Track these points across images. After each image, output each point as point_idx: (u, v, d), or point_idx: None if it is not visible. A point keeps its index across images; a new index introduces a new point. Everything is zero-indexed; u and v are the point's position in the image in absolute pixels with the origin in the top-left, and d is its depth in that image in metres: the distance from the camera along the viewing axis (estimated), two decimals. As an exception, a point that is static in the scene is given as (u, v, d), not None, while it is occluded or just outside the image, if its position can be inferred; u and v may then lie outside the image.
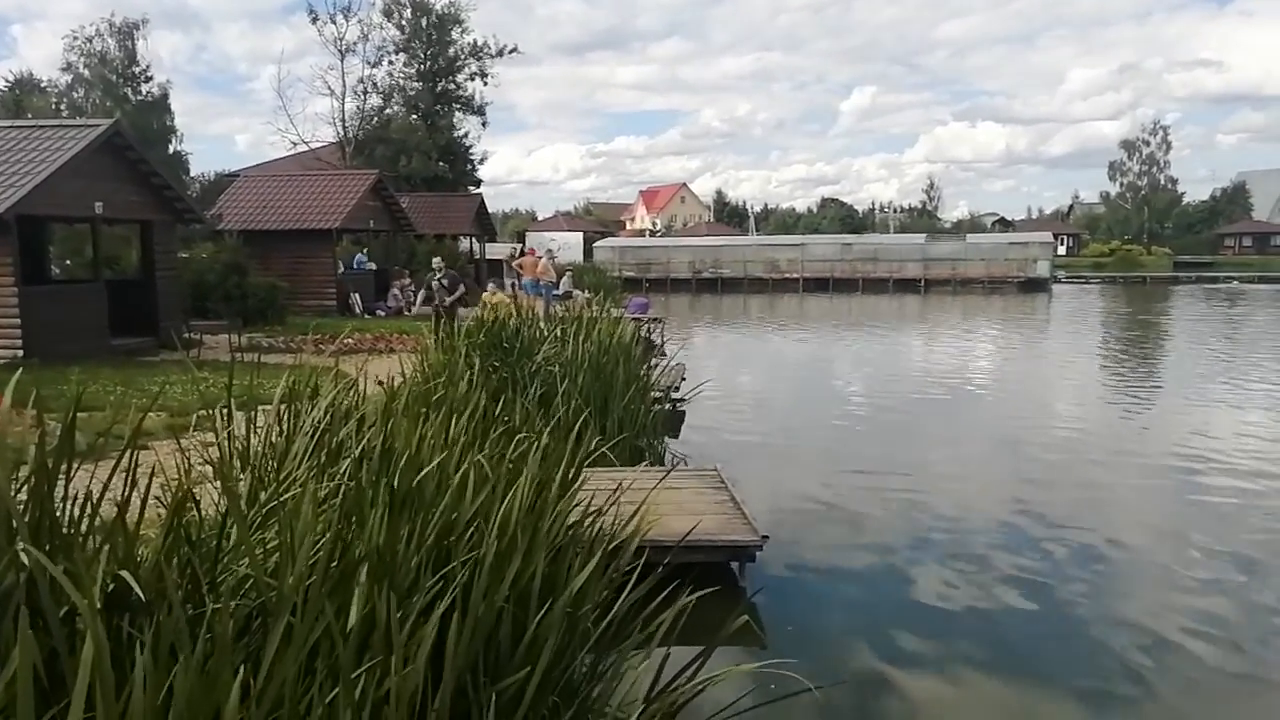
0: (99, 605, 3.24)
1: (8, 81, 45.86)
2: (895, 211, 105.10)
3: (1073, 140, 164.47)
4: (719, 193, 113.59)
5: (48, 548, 3.13)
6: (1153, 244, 78.01)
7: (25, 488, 3.43)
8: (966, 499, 9.47)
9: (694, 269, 53.08)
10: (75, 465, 3.67)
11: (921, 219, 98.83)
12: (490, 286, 9.91)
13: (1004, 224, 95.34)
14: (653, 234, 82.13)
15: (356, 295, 25.32)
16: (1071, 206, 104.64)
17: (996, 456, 11.72)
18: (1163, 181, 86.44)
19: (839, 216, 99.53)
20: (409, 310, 25.78)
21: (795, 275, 51.42)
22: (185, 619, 2.54)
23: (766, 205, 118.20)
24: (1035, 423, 13.77)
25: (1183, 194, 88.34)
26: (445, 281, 17.59)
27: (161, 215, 18.04)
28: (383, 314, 25.17)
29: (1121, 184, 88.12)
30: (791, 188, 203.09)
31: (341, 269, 26.13)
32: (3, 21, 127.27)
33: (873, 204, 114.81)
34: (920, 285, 49.45)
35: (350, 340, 17.49)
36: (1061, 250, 73.75)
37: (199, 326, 17.87)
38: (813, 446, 12.36)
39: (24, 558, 3.00)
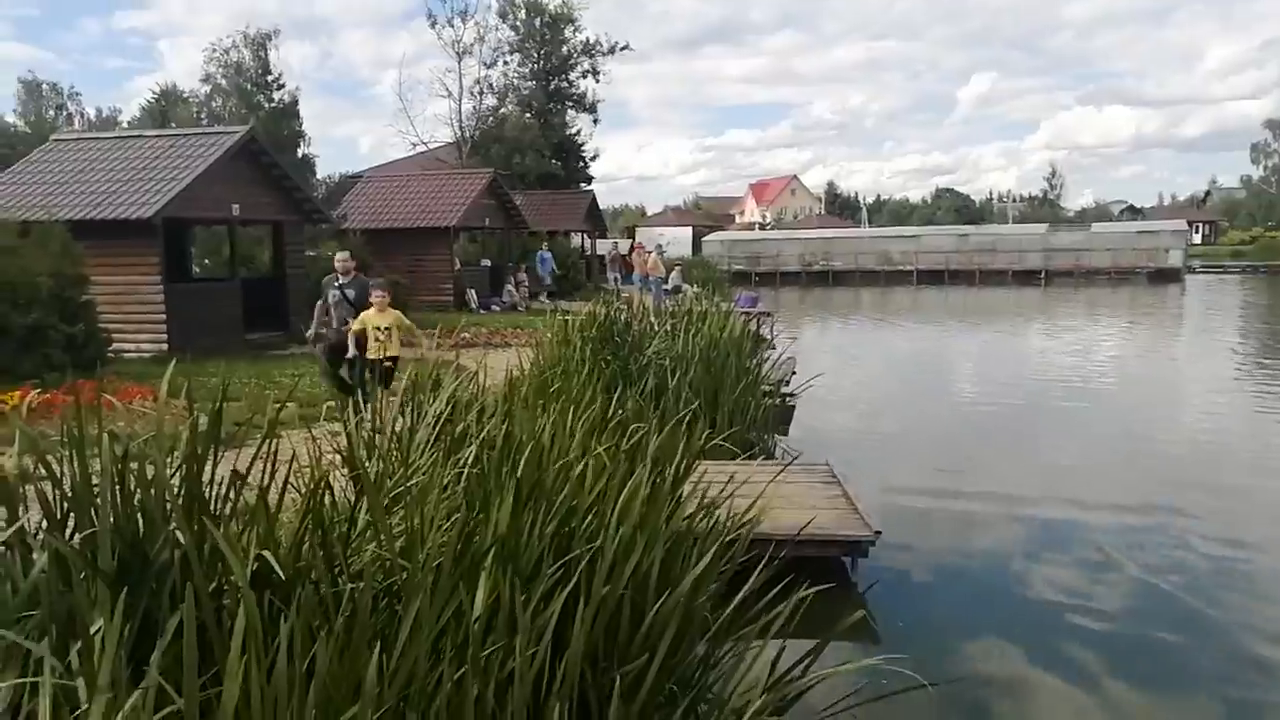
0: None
1: (154, 94, 48.87)
2: (1014, 201, 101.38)
3: (1210, 121, 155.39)
4: (830, 184, 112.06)
5: (197, 528, 3.36)
6: (1300, 230, 73.00)
7: (177, 473, 3.68)
8: (1087, 500, 9.08)
9: (804, 262, 52.38)
10: (220, 452, 3.93)
11: (1043, 208, 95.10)
12: (377, 295, 8.91)
13: (1133, 212, 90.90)
14: (762, 227, 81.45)
15: (472, 291, 25.98)
16: (1208, 192, 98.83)
17: (1120, 457, 11.19)
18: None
19: (954, 207, 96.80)
20: (523, 306, 26.31)
21: (909, 267, 50.19)
22: (325, 596, 2.69)
23: (879, 197, 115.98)
24: (1163, 423, 13.11)
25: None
26: (350, 294, 9.63)
27: (291, 216, 18.91)
28: (497, 309, 25.76)
29: (1265, 167, 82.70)
30: (905, 179, 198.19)
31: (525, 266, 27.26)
32: (150, 37, 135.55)
33: (990, 193, 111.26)
34: (1041, 277, 47.57)
35: (467, 335, 17.99)
36: (1196, 239, 69.84)
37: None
38: (926, 444, 12.07)
39: (179, 536, 3.23)
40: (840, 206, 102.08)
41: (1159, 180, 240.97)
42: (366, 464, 5.05)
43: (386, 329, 8.73)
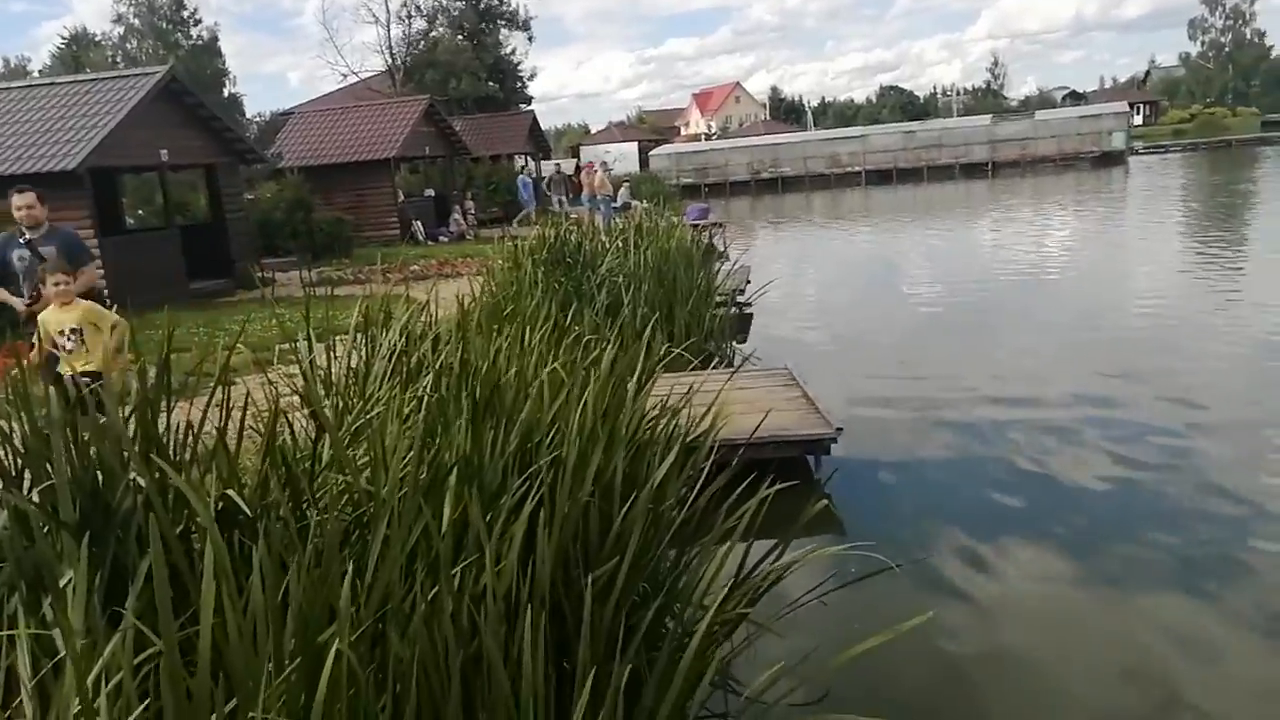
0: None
1: (63, 39, 46.62)
2: (958, 94, 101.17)
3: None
4: (774, 89, 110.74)
5: (157, 474, 3.34)
6: (1238, 105, 73.79)
7: (131, 421, 3.64)
8: (1042, 387, 9.30)
9: (753, 170, 52.10)
10: (173, 401, 3.90)
11: (986, 100, 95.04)
12: (55, 285, 5.65)
13: (1075, 98, 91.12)
14: (708, 137, 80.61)
15: (418, 223, 25.57)
16: (1148, 73, 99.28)
17: (1073, 342, 11.42)
18: (1249, 35, 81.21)
19: (900, 105, 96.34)
20: (471, 235, 25.98)
21: (857, 169, 50.15)
22: (291, 530, 2.70)
23: (824, 99, 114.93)
24: (1112, 309, 13.35)
25: (1271, 47, 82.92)
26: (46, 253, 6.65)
27: (224, 158, 18.36)
28: (445, 240, 25.42)
29: (1203, 42, 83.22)
30: (849, 78, 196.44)
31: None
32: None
33: (934, 89, 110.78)
34: (988, 169, 47.83)
35: (416, 267, 17.77)
36: (1138, 120, 70.32)
37: (270, 264, 18.31)
38: (882, 343, 12.24)
39: (140, 480, 3.22)
40: (785, 111, 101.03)
41: (1100, 64, 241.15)
42: (324, 402, 5.04)
43: (74, 331, 5.75)
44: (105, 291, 14.81)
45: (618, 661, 2.46)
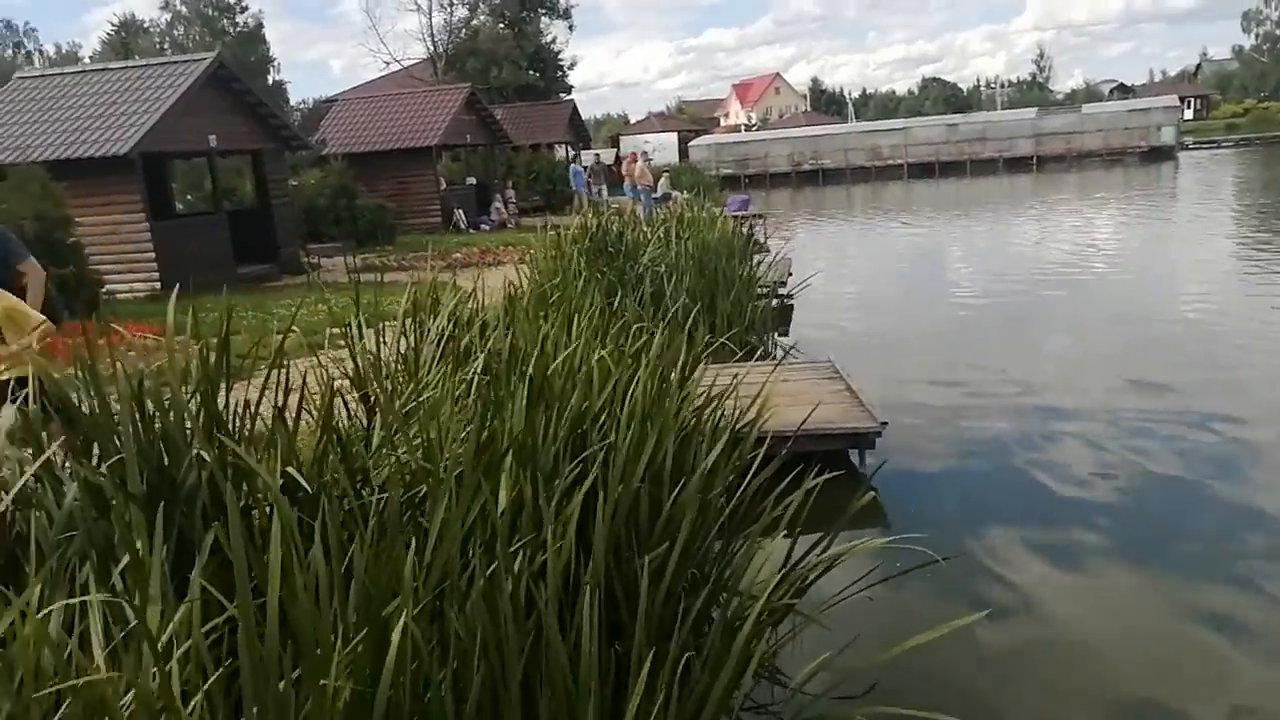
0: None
1: (113, 25, 47.43)
2: (1003, 87, 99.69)
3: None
4: (815, 81, 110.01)
5: (219, 449, 3.44)
6: (1293, 100, 72.02)
7: (192, 400, 3.74)
8: (1086, 386, 9.18)
9: (793, 162, 51.76)
10: (231, 382, 4.00)
11: (1031, 92, 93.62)
12: None
13: (1123, 91, 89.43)
14: (748, 129, 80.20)
15: (460, 211, 25.75)
16: (1199, 66, 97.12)
17: (1119, 342, 11.25)
18: (1308, 28, 79.18)
19: (942, 97, 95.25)
20: (512, 223, 26.12)
21: (899, 161, 49.63)
22: (351, 506, 2.77)
23: (865, 90, 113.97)
24: (1161, 306, 13.14)
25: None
26: None
27: (270, 144, 18.61)
28: (486, 228, 25.57)
29: (1257, 35, 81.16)
30: (891, 70, 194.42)
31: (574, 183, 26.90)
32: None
33: (978, 81, 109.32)
34: (1032, 163, 47.12)
35: (459, 255, 17.92)
36: (1189, 114, 68.90)
37: (315, 250, 18.55)
38: (925, 337, 12.16)
39: (204, 456, 3.31)
40: (826, 103, 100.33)
41: (1149, 56, 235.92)
42: (375, 385, 5.12)
43: None
44: (158, 275, 15.15)
45: (673, 644, 2.50)
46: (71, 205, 13.29)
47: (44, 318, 5.20)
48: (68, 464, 3.56)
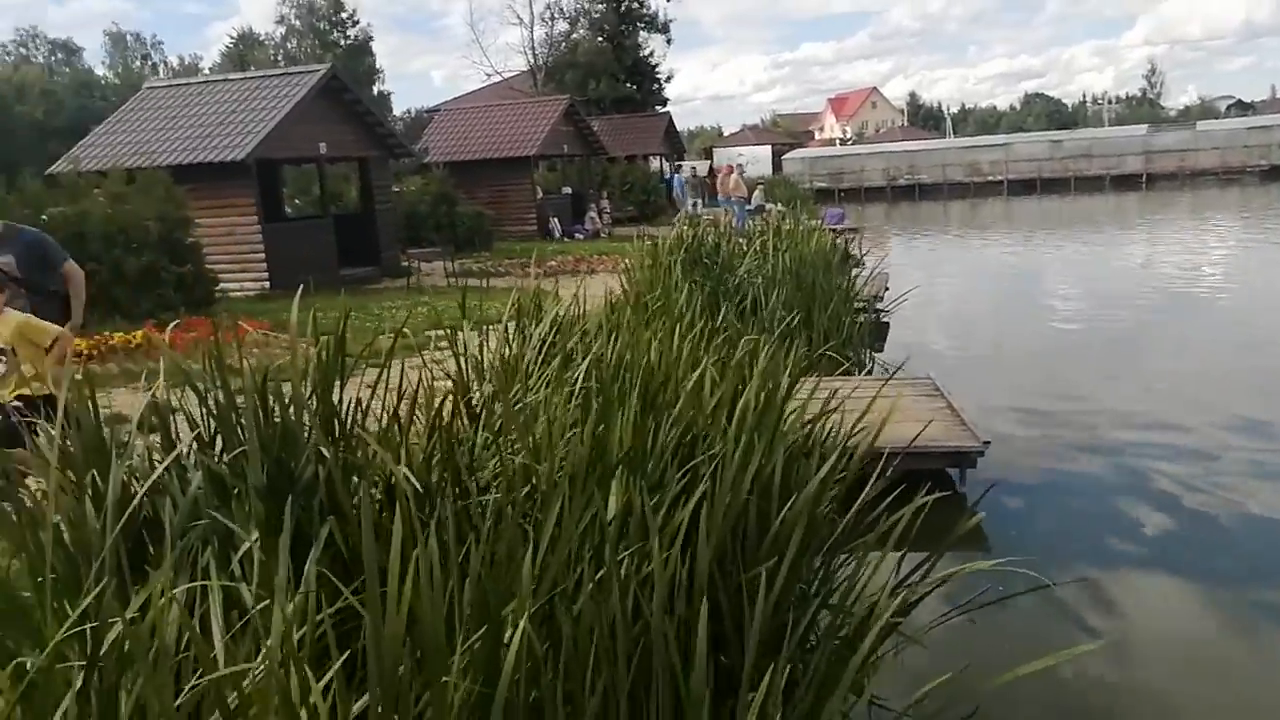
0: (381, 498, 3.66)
1: (231, 38, 49.64)
2: (1110, 103, 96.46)
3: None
4: (912, 95, 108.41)
5: (338, 446, 3.54)
6: None
7: (312, 396, 3.86)
8: (1194, 413, 8.76)
9: (889, 176, 50.98)
10: (346, 378, 4.11)
11: (1141, 109, 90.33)
12: None
13: (1242, 107, 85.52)
14: (843, 143, 79.32)
15: (555, 219, 26.09)
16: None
17: (1229, 369, 10.71)
18: None
19: (1045, 112, 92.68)
20: (606, 233, 26.35)
21: (999, 178, 48.40)
22: (466, 507, 2.82)
23: (964, 105, 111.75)
24: (1276, 332, 12.48)
25: None
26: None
27: (377, 152, 19.18)
28: (580, 237, 25.85)
29: (1391, 51, 76.60)
30: (992, 84, 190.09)
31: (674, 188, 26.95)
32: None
33: (1084, 96, 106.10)
34: (1141, 181, 45.39)
35: (554, 263, 18.15)
36: (1314, 133, 65.31)
37: (415, 254, 19.01)
38: (1024, 358, 11.81)
39: (323, 452, 3.42)
40: (923, 118, 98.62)
41: (1271, 71, 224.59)
42: (479, 388, 5.21)
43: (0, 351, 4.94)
44: (267, 275, 15.75)
45: (782, 659, 2.47)
46: (191, 207, 13.92)
47: (60, 330, 5.18)
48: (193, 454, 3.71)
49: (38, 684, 2.58)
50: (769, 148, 60.79)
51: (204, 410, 3.73)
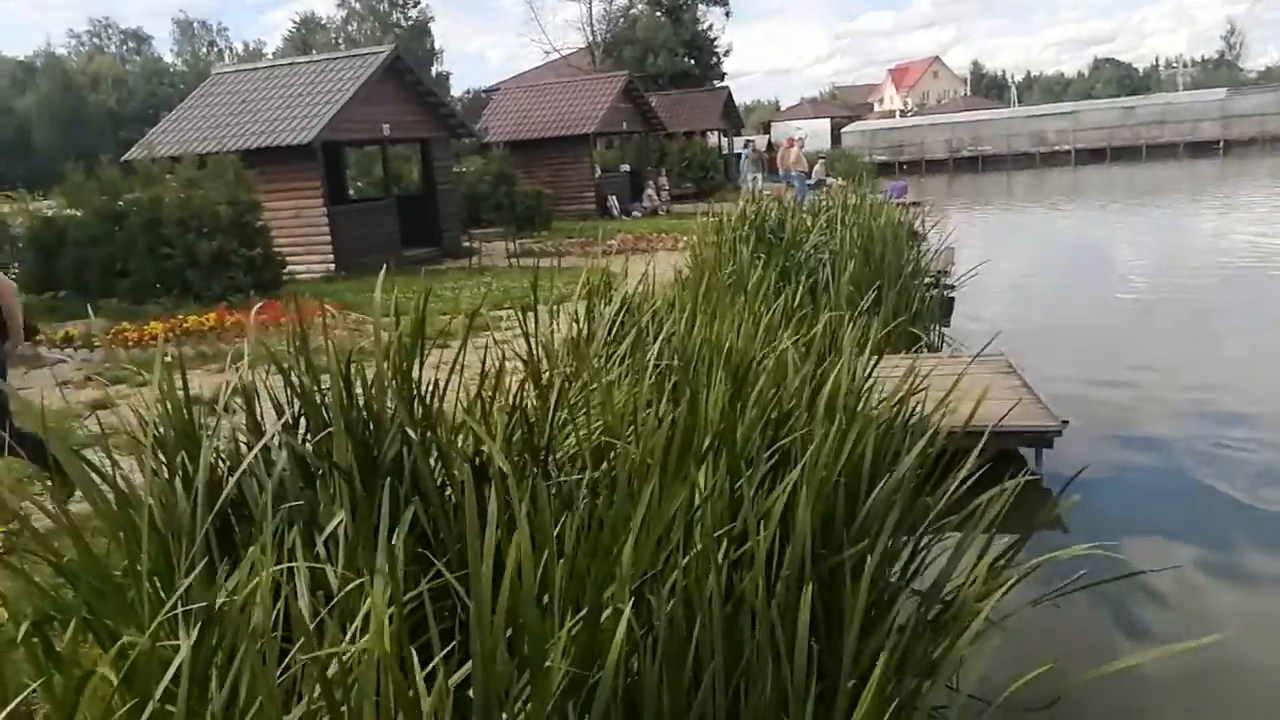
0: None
1: (294, 23, 50.31)
2: (1185, 66, 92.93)
3: None
4: (975, 64, 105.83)
5: (422, 428, 3.56)
6: None
7: (395, 377, 3.87)
8: (1270, 394, 8.45)
9: (951, 148, 49.87)
10: (424, 358, 4.12)
11: (1219, 71, 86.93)
12: None
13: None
14: (903, 114, 77.73)
15: (614, 198, 26.03)
16: None
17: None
18: None
19: (1115, 78, 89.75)
20: (664, 210, 26.21)
21: (1067, 147, 47.03)
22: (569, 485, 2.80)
23: (1029, 73, 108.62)
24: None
25: None
26: None
27: (438, 132, 19.28)
28: (638, 215, 25.76)
29: None
30: (1058, 51, 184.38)
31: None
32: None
33: (1156, 60, 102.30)
34: (1218, 147, 43.71)
35: (613, 241, 18.11)
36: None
37: (476, 234, 19.12)
38: (1094, 335, 11.46)
39: (409, 433, 3.43)
40: (987, 87, 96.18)
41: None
42: (552, 366, 5.20)
43: None
44: (332, 256, 15.97)
45: (886, 645, 2.41)
46: (261, 191, 14.15)
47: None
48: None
49: (140, 665, 2.64)
50: (827, 121, 59.93)
51: (288, 391, 3.77)
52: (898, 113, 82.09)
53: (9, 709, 2.29)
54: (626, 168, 28.59)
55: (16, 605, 3.07)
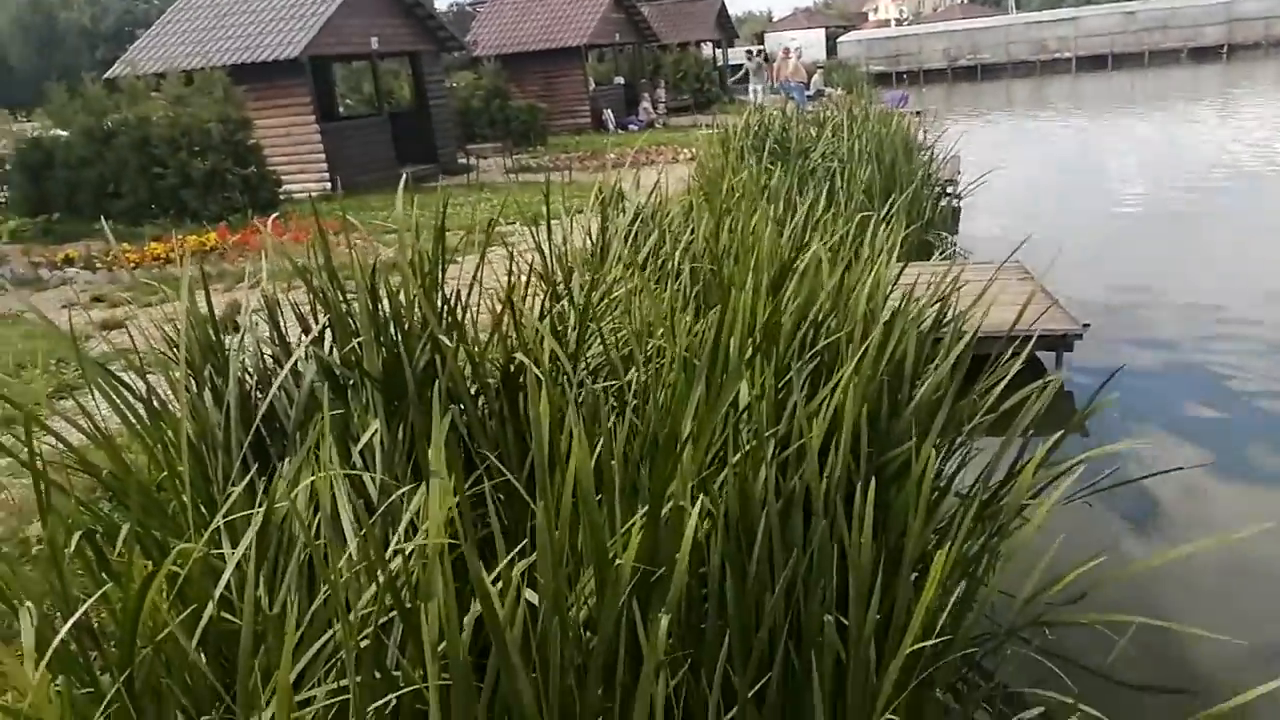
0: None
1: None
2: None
3: None
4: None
5: (452, 336, 3.51)
6: None
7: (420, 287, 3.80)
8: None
9: (949, 57, 48.88)
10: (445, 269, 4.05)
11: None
12: None
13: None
14: (899, 24, 75.93)
15: (609, 111, 25.53)
16: None
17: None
18: None
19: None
20: (661, 123, 25.75)
21: (1067, 54, 46.11)
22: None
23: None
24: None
25: None
26: None
27: (427, 45, 18.77)
28: (635, 128, 25.29)
29: None
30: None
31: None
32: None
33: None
34: (1221, 52, 42.90)
35: (612, 155, 17.80)
36: None
37: (473, 150, 18.78)
38: (1101, 243, 11.38)
39: (440, 341, 3.38)
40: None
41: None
42: (575, 274, 5.12)
43: None
44: (328, 175, 15.69)
45: (946, 543, 2.41)
46: (250, 108, 13.80)
47: None
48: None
49: (192, 574, 2.63)
50: (822, 31, 58.57)
51: (313, 304, 3.71)
52: (893, 21, 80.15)
53: (71, 621, 2.28)
54: (620, 80, 27.98)
55: (56, 520, 3.06)
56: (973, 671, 2.82)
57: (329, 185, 15.42)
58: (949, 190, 12.45)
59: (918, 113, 21.74)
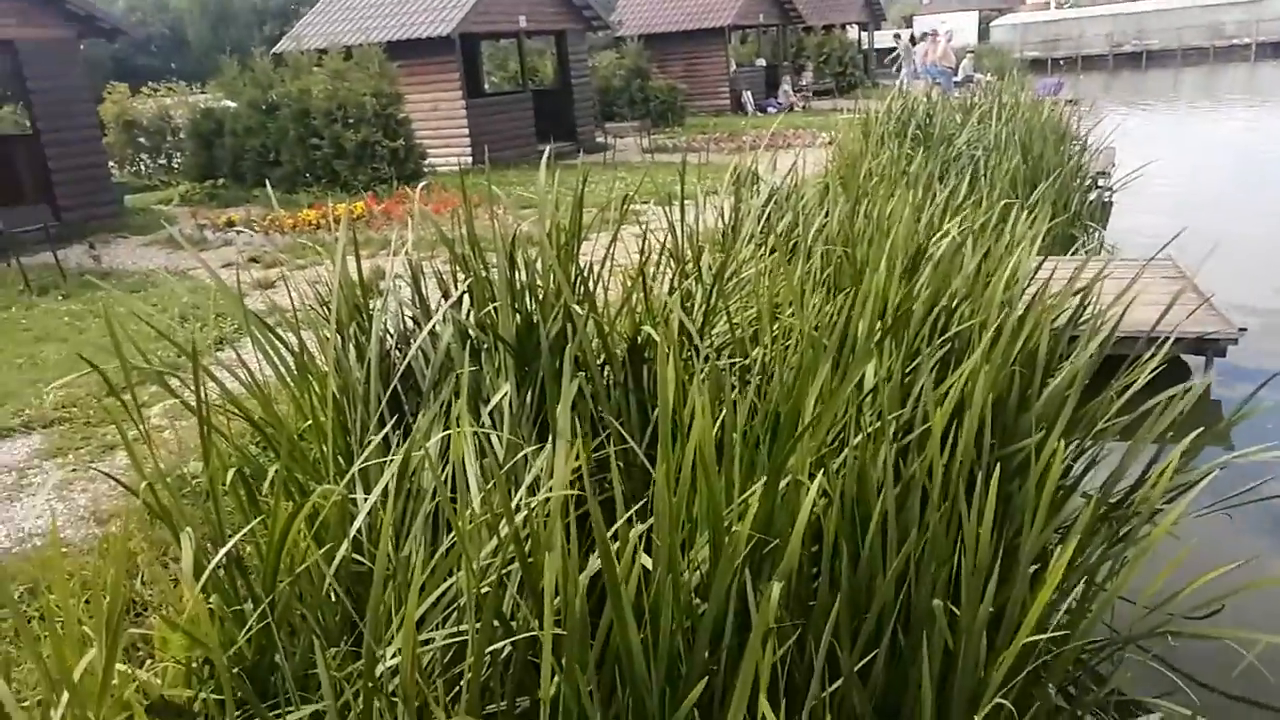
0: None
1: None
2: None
3: None
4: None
5: (584, 306, 3.62)
6: None
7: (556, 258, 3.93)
8: None
9: (1112, 43, 46.22)
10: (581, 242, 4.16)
11: None
12: None
13: None
14: (1059, 7, 72.24)
15: (748, 93, 25.34)
16: None
17: None
18: None
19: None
20: (800, 106, 25.39)
21: (1246, 41, 42.89)
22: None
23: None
24: None
25: None
26: None
27: (574, 24, 19.04)
28: (774, 110, 25.02)
29: None
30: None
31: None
32: None
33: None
34: None
35: (748, 137, 17.70)
36: None
37: (611, 129, 18.99)
38: (1269, 246, 10.62)
39: (573, 310, 3.49)
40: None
41: None
42: (706, 253, 5.16)
43: None
44: (469, 149, 16.18)
45: (1068, 540, 2.35)
46: (402, 83, 14.35)
47: None
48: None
49: (331, 517, 2.82)
50: (975, 14, 56.31)
51: (453, 269, 3.88)
52: (1052, 4, 76.30)
53: (225, 550, 2.49)
54: (762, 62, 27.68)
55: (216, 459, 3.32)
56: (1085, 675, 2.75)
57: (470, 159, 15.89)
58: (1100, 183, 11.86)
59: (1072, 101, 20.72)
